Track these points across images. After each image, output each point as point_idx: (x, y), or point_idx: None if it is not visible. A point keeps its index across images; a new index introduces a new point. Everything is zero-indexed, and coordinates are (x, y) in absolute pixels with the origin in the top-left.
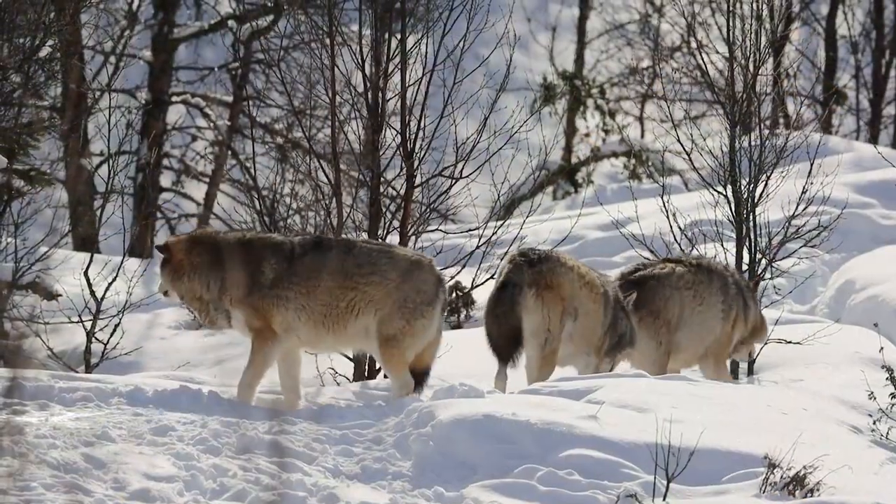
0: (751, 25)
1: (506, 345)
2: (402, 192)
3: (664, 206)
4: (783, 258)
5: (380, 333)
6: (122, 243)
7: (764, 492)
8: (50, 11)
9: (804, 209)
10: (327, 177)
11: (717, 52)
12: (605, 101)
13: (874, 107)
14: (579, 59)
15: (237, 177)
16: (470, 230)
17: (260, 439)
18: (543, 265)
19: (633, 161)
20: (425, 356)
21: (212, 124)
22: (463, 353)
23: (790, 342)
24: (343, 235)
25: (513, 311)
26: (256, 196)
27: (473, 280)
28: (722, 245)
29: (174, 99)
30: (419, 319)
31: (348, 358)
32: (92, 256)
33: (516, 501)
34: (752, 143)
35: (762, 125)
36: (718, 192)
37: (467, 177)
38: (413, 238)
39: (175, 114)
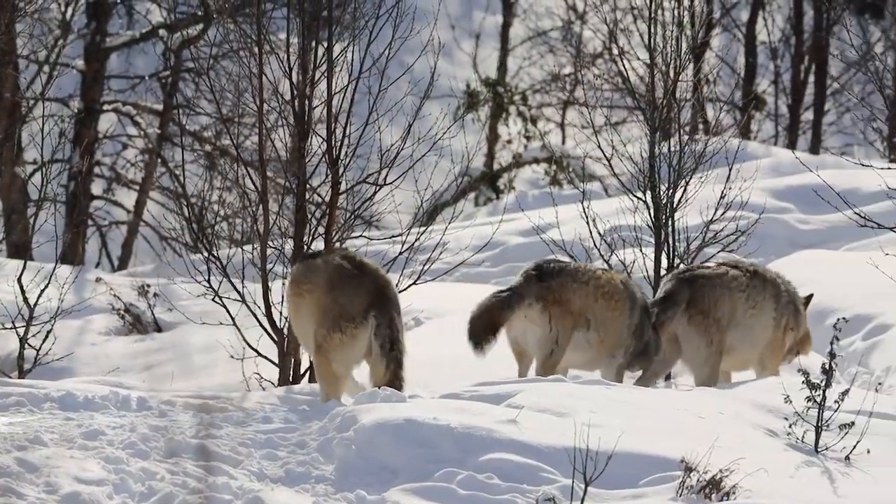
0: (672, 32)
1: (479, 329)
2: (328, 198)
3: (584, 211)
4: (701, 263)
5: None
6: (54, 251)
7: (681, 495)
8: None
9: (722, 214)
10: (254, 184)
11: (639, 59)
12: (528, 107)
13: (793, 112)
14: (502, 66)
15: (167, 184)
16: (393, 236)
17: (187, 443)
18: (553, 280)
19: (554, 167)
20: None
21: (142, 132)
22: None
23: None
24: (269, 242)
25: (499, 312)
26: (185, 203)
27: (396, 286)
28: (641, 250)
29: (106, 108)
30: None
31: (273, 363)
32: (25, 263)
33: None
34: (672, 149)
35: (682, 131)
36: (638, 198)
37: (391, 183)
38: (338, 244)
39: (106, 122)
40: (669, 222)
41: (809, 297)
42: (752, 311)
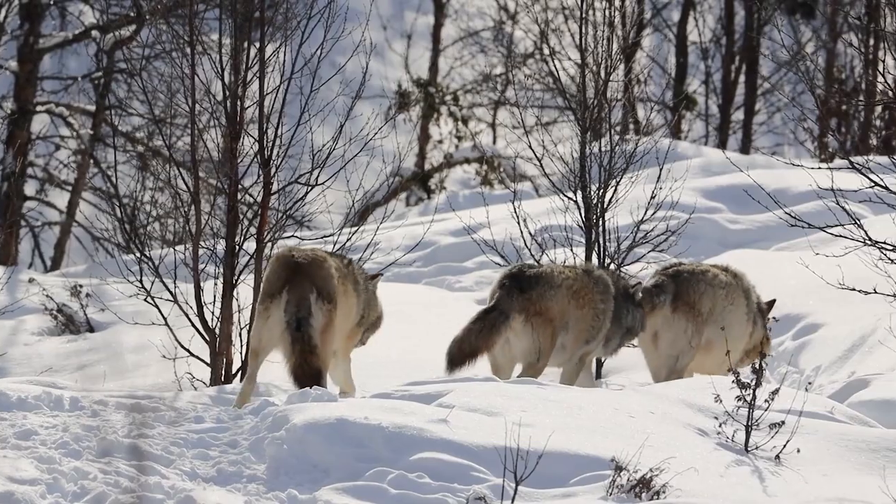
0: (603, 32)
1: (459, 356)
2: (259, 199)
3: (515, 211)
4: (632, 263)
5: None
6: None
7: (611, 494)
8: None
9: (653, 214)
10: (186, 184)
11: (570, 59)
12: (459, 107)
13: (723, 112)
14: (433, 67)
15: (99, 185)
16: (325, 236)
17: (119, 443)
18: (533, 291)
19: (485, 167)
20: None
21: (75, 133)
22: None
23: (636, 346)
24: (201, 243)
25: (486, 338)
26: (117, 203)
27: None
28: (571, 250)
29: (39, 108)
30: None
31: (205, 363)
32: None
33: None
34: (603, 149)
35: (612, 131)
36: (568, 198)
37: (323, 184)
38: (269, 245)
39: (39, 123)
40: (600, 222)
41: (772, 302)
42: (730, 307)
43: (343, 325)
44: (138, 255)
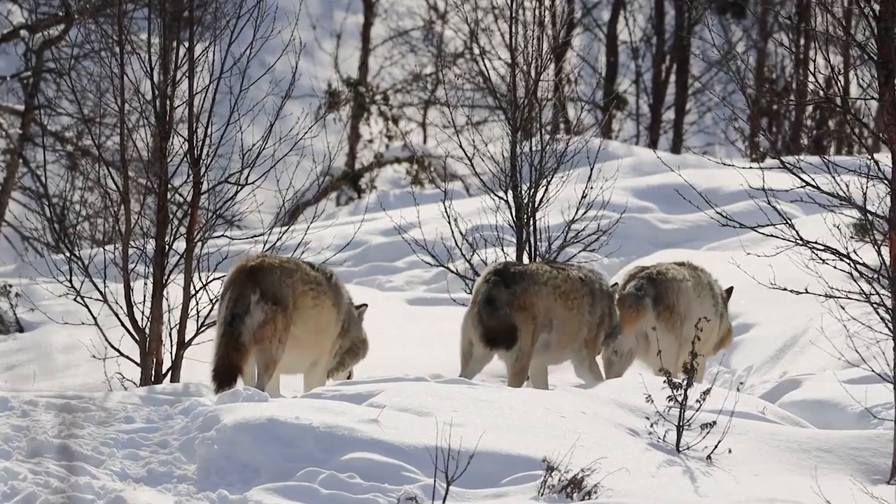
0: (533, 31)
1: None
2: (189, 198)
3: (446, 211)
4: (564, 263)
5: None
6: None
7: (542, 494)
8: None
9: (584, 213)
10: (116, 184)
11: (500, 58)
12: (389, 107)
13: (654, 112)
14: (363, 66)
15: (28, 184)
16: (255, 236)
17: (49, 443)
18: (518, 286)
19: (415, 167)
20: None
21: (4, 133)
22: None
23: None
24: (131, 242)
25: (512, 336)
26: (47, 203)
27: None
28: (502, 249)
29: None
30: None
31: (135, 363)
32: None
33: None
34: (533, 149)
35: (543, 130)
36: (499, 197)
37: (253, 183)
38: (199, 244)
39: None
40: (531, 221)
41: (730, 290)
42: (698, 300)
43: (315, 338)
44: (68, 254)
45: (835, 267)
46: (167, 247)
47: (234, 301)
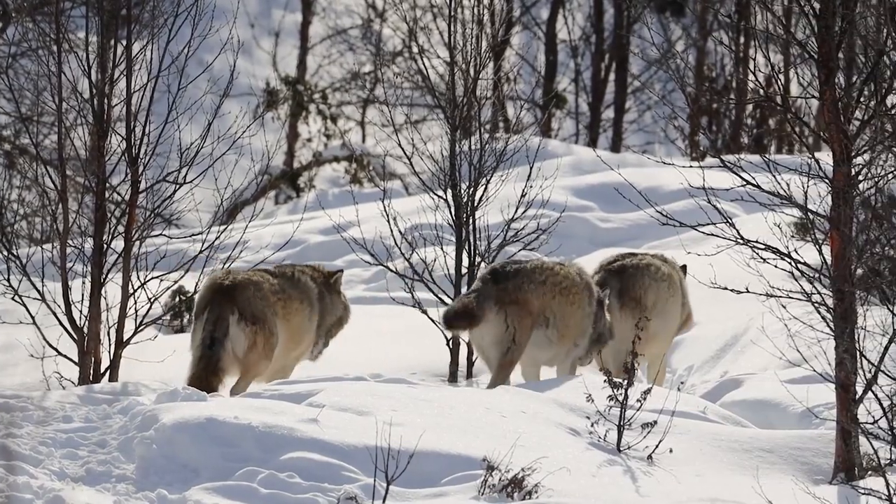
0: (472, 30)
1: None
2: (127, 197)
3: (385, 210)
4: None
5: None
6: None
7: (483, 494)
8: None
9: (523, 212)
10: (53, 183)
11: (439, 57)
12: (328, 105)
13: (593, 111)
14: (302, 65)
15: None
16: (193, 235)
17: None
18: (509, 282)
19: (354, 166)
20: None
21: None
22: (186, 357)
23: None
24: (69, 241)
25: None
26: None
27: (197, 284)
28: (442, 248)
29: None
30: None
31: (73, 362)
32: None
33: None
34: (473, 147)
35: (482, 129)
36: (439, 196)
37: (191, 182)
38: (137, 243)
39: None
40: (470, 220)
41: (685, 267)
42: (672, 298)
43: (295, 343)
44: (5, 253)
45: (776, 266)
46: (105, 246)
47: (213, 323)
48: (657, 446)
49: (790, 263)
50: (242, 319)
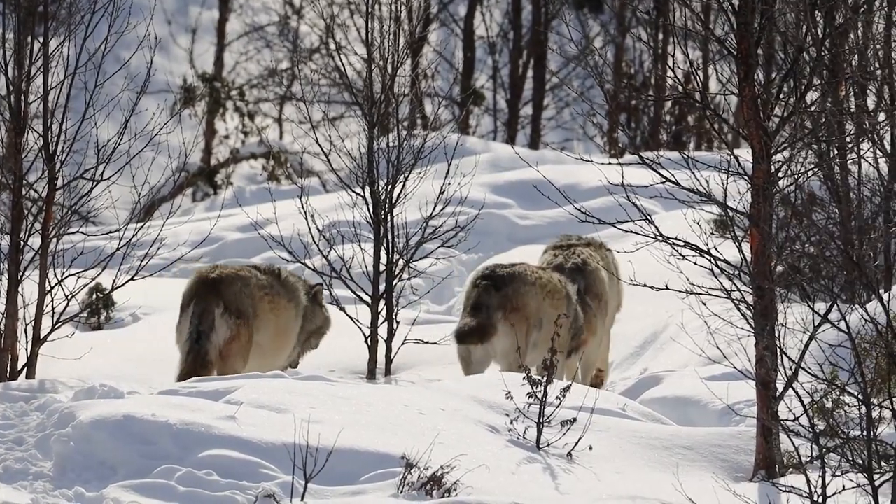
0: (389, 27)
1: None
2: (44, 194)
3: (303, 207)
4: (420, 258)
5: None
6: None
7: (401, 491)
8: None
9: (442, 210)
10: None
11: (356, 54)
12: (245, 102)
13: (511, 107)
14: (219, 61)
15: None
16: (110, 232)
17: None
18: (509, 288)
19: (271, 163)
20: None
21: None
22: (103, 354)
23: (427, 342)
24: None
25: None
26: None
27: (114, 282)
28: (360, 245)
29: None
30: None
31: None
32: None
33: (156, 502)
34: (391, 144)
35: (400, 126)
36: (357, 193)
37: (108, 179)
38: (54, 240)
39: None
40: (388, 218)
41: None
42: (616, 286)
43: (278, 342)
44: None
45: (695, 263)
46: (22, 243)
47: (198, 317)
48: (577, 444)
49: (710, 260)
50: (227, 312)
